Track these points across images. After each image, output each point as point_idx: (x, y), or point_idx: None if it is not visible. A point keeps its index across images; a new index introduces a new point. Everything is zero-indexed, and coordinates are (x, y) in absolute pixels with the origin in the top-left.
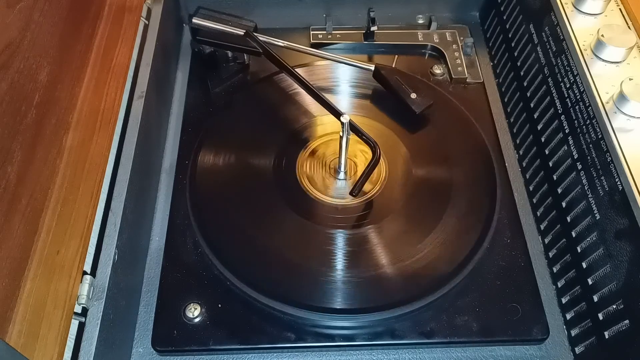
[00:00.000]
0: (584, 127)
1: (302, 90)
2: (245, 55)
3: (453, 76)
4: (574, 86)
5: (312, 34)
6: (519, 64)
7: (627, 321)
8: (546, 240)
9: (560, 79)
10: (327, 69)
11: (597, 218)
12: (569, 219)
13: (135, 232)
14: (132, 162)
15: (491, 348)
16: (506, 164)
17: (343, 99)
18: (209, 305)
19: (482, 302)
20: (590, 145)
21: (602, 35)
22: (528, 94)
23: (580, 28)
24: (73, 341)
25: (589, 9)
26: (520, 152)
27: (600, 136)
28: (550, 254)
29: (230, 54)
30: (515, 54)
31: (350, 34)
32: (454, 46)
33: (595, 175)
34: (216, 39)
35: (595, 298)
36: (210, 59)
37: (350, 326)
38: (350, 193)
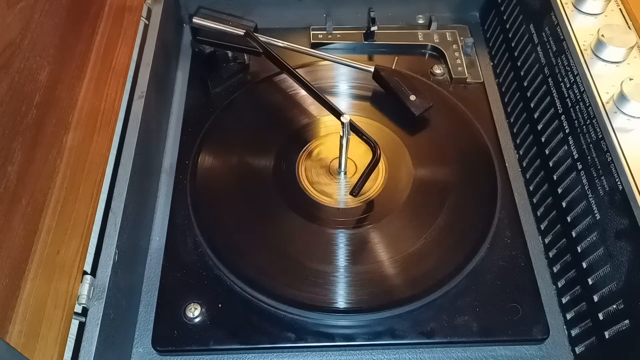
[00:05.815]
0: (584, 127)
1: (302, 90)
2: (245, 55)
3: (453, 76)
4: (574, 86)
5: (312, 34)
6: (519, 64)
7: (627, 321)
8: (546, 240)
9: (560, 79)
10: (328, 69)
11: (597, 218)
12: (569, 219)
13: (136, 232)
14: (132, 162)
15: (491, 348)
16: (506, 164)
17: (343, 99)
18: (209, 305)
19: (482, 302)
20: (591, 145)
21: (602, 35)
22: (528, 94)
23: (581, 28)
24: (73, 341)
25: (589, 9)
26: (521, 152)
27: (600, 136)
28: (551, 254)
29: (230, 54)
30: (516, 54)
31: (350, 34)
32: (454, 46)
33: (595, 175)
34: (216, 39)
35: (596, 298)
36: (210, 59)
37: (351, 326)
38: (351, 193)
